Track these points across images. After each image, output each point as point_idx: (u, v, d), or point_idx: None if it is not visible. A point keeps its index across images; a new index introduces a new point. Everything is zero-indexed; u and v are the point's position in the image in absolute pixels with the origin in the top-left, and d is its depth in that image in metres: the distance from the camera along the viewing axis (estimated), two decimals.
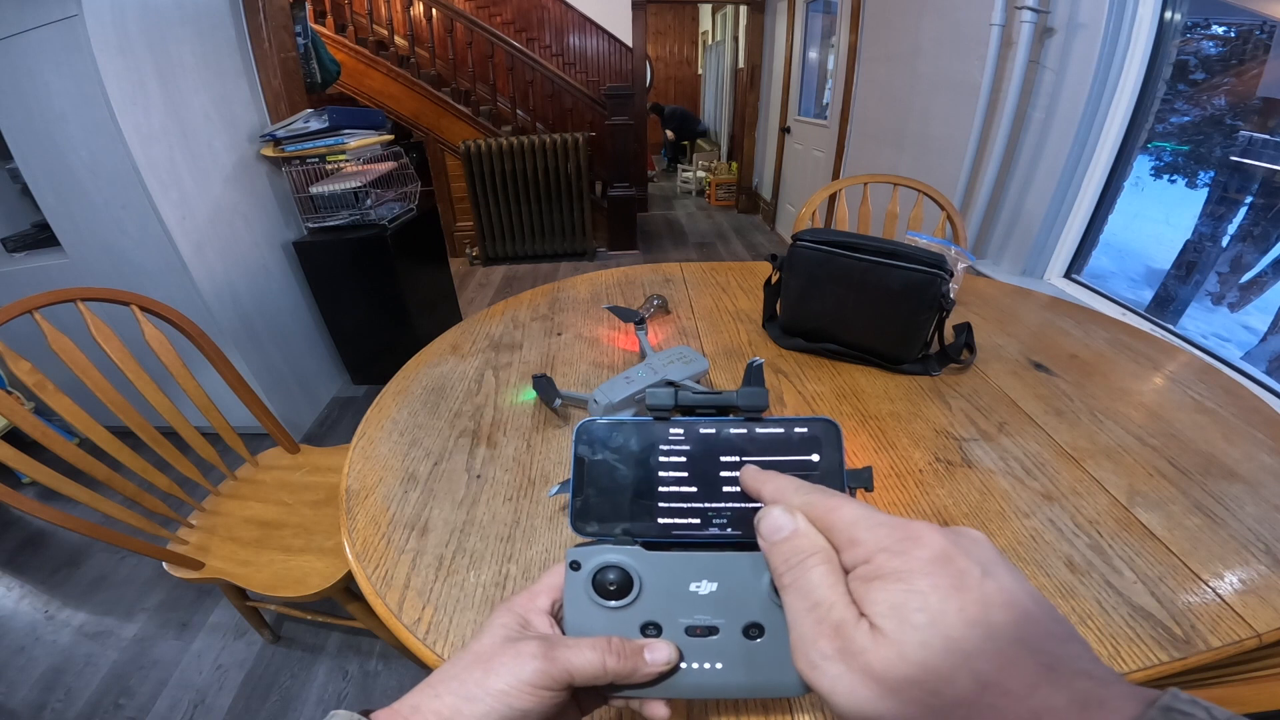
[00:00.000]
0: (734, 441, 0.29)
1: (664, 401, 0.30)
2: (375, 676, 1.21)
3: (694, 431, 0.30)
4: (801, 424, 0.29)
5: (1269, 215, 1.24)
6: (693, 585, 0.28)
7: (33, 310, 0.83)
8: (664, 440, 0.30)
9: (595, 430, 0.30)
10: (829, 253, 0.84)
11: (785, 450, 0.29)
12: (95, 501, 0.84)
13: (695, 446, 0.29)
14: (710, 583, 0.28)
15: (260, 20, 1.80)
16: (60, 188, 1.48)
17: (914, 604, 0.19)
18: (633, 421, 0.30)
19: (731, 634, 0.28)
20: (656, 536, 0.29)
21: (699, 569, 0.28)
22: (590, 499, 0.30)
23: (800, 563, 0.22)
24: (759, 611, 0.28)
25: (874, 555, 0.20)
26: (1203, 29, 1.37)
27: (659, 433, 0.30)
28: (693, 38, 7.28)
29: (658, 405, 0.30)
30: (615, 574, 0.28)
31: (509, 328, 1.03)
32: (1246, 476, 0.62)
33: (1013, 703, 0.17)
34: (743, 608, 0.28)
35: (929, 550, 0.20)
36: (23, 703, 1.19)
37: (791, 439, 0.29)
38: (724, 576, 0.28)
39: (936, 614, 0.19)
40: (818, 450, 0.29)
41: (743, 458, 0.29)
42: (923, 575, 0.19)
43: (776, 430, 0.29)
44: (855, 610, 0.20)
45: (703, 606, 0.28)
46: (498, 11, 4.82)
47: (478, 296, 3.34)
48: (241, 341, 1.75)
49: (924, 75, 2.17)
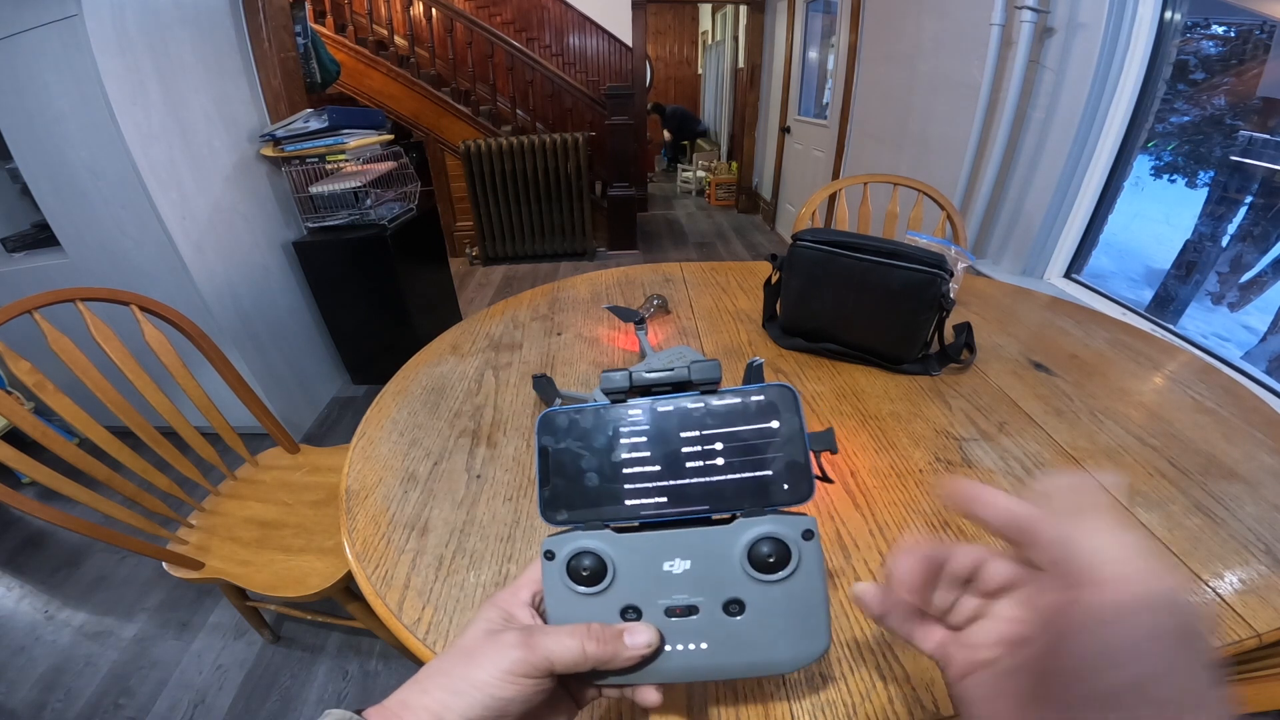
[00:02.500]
0: (692, 415, 0.29)
1: (618, 384, 0.30)
2: (375, 676, 1.21)
3: (652, 410, 0.29)
4: (757, 391, 0.29)
5: (1269, 215, 1.24)
6: (666, 564, 0.28)
7: (32, 310, 0.83)
8: (623, 422, 0.30)
9: (556, 419, 0.30)
10: (829, 252, 0.84)
11: (743, 420, 0.29)
12: (95, 501, 0.84)
13: (654, 425, 0.29)
14: (684, 561, 0.28)
15: (260, 20, 1.80)
16: (60, 188, 1.48)
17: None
18: (591, 407, 0.30)
19: (712, 612, 0.28)
20: (626, 519, 0.29)
21: (671, 547, 0.28)
22: (558, 488, 0.30)
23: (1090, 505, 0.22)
24: (737, 586, 0.28)
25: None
26: (1203, 29, 1.36)
27: (618, 415, 0.30)
28: (693, 37, 7.28)
29: (612, 388, 0.30)
30: (589, 559, 0.28)
31: (509, 328, 1.03)
32: (1246, 476, 0.62)
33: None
34: (720, 584, 0.28)
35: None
36: (23, 703, 1.19)
37: (749, 408, 0.29)
38: (697, 553, 0.28)
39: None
40: (775, 417, 0.28)
41: (702, 431, 0.29)
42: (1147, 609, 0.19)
43: (733, 401, 0.29)
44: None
45: (679, 586, 0.28)
46: (498, 11, 4.82)
47: (478, 296, 3.34)
48: (241, 341, 1.75)
49: (924, 75, 2.17)
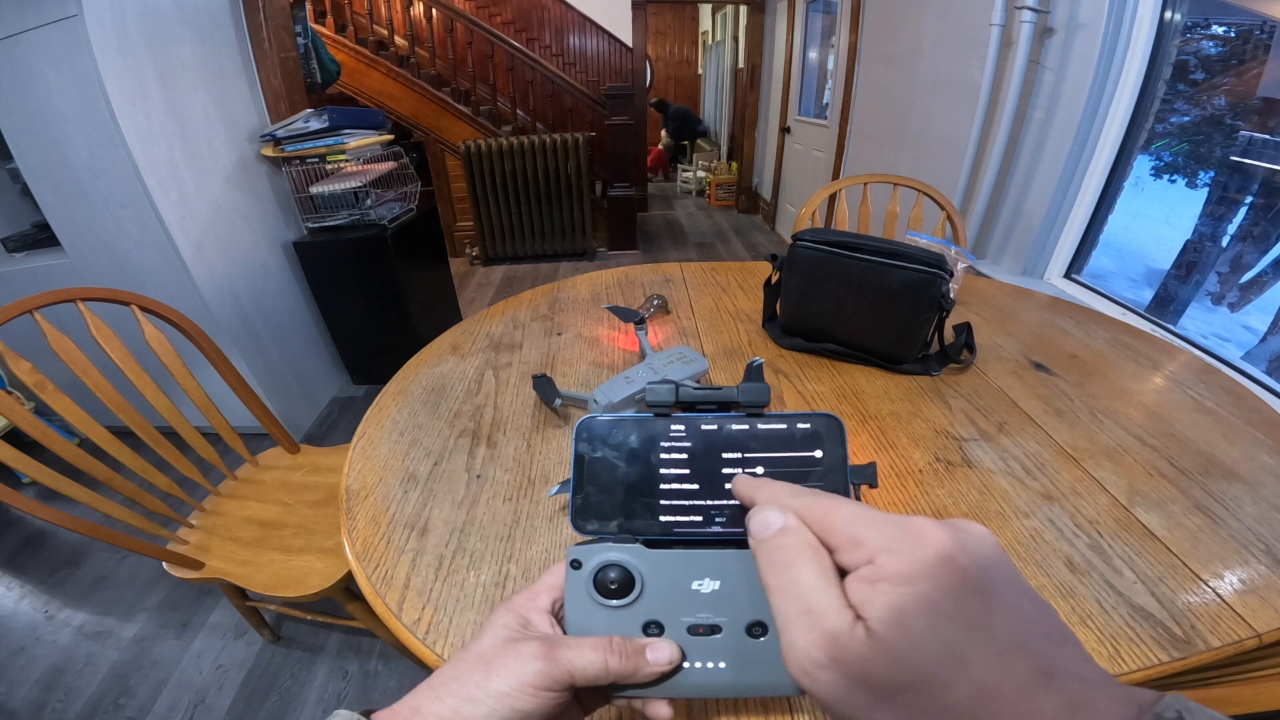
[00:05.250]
0: (736, 438, 0.29)
1: (664, 398, 0.30)
2: (375, 676, 1.21)
3: (695, 428, 0.29)
4: (804, 419, 0.29)
5: (1269, 215, 1.24)
6: (695, 583, 0.28)
7: (33, 310, 0.83)
8: (665, 437, 0.29)
9: (596, 427, 0.30)
10: (829, 253, 0.84)
11: (787, 446, 0.28)
12: (95, 501, 0.84)
13: (697, 443, 0.29)
14: (713, 581, 0.28)
15: (260, 20, 1.80)
16: (60, 187, 1.48)
17: (915, 608, 0.18)
18: (633, 418, 0.30)
19: (734, 633, 0.28)
20: (658, 534, 0.29)
21: (701, 567, 0.28)
22: (591, 497, 0.29)
23: (789, 561, 0.21)
24: (762, 610, 0.27)
25: (877, 555, 0.20)
26: (1203, 29, 1.36)
27: (660, 429, 0.30)
28: (693, 38, 7.28)
29: (658, 401, 0.30)
30: (616, 572, 0.28)
31: (509, 328, 1.03)
32: (1246, 476, 0.62)
33: (1006, 708, 0.17)
34: (746, 606, 0.28)
35: (932, 549, 0.19)
36: (23, 703, 1.19)
37: (794, 435, 0.29)
38: (726, 574, 0.28)
39: (939, 618, 0.18)
40: (820, 446, 0.28)
41: (745, 454, 0.29)
42: (926, 577, 0.19)
43: (779, 426, 0.29)
44: (850, 615, 0.19)
45: (705, 605, 0.28)
46: (498, 11, 4.82)
47: (478, 296, 3.34)
48: (241, 341, 1.75)
49: (924, 75, 2.16)
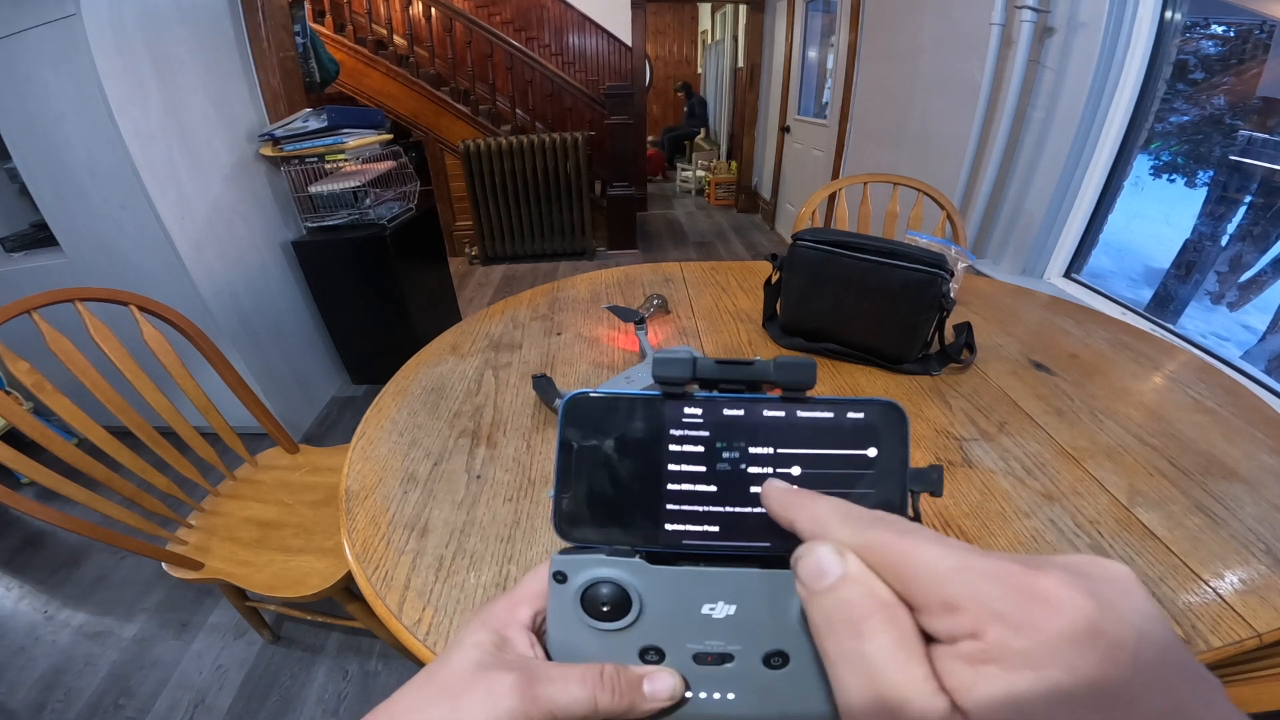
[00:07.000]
0: (768, 427, 0.22)
1: (677, 372, 0.23)
2: (375, 676, 1.21)
3: (716, 412, 0.23)
4: (857, 406, 0.22)
5: (1268, 214, 1.24)
6: (706, 607, 0.22)
7: (31, 310, 0.83)
8: (676, 423, 0.23)
9: (588, 407, 0.23)
10: (829, 252, 0.84)
11: (834, 441, 0.22)
12: (94, 502, 0.84)
13: (716, 433, 0.23)
14: (728, 605, 0.22)
15: (259, 20, 1.80)
16: (59, 187, 1.47)
17: (1041, 704, 0.13)
18: (636, 396, 0.23)
19: (749, 663, 0.22)
20: (662, 547, 0.23)
21: (715, 589, 0.22)
22: (579, 496, 0.23)
23: (855, 626, 0.16)
24: (785, 638, 0.22)
25: (984, 627, 0.14)
26: (1202, 29, 1.37)
27: (670, 413, 0.23)
28: (692, 37, 7.28)
29: (669, 377, 0.23)
30: (609, 591, 0.22)
31: (508, 327, 1.03)
32: (1246, 476, 0.62)
33: None
34: (765, 634, 0.22)
35: (1066, 620, 0.14)
36: (23, 703, 1.19)
37: (843, 427, 0.22)
38: (745, 598, 0.22)
39: (1074, 716, 0.13)
40: (875, 443, 0.22)
41: (778, 449, 0.22)
42: (1057, 662, 0.14)
43: (825, 414, 0.22)
44: (944, 702, 0.14)
45: (716, 631, 0.22)
46: (497, 10, 4.82)
47: (477, 296, 3.34)
48: (240, 341, 1.75)
49: (924, 75, 2.16)
